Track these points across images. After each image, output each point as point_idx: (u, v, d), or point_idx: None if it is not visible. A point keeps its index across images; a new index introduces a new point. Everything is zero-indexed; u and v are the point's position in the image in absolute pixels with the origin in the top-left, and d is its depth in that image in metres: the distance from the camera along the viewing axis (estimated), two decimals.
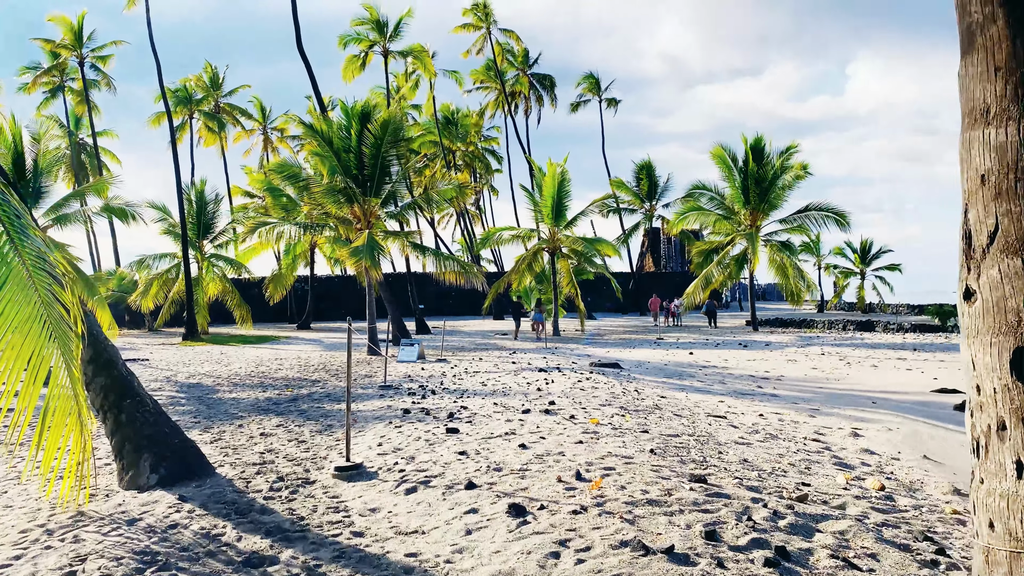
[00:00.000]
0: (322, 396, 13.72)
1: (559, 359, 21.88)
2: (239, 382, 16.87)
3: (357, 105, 23.95)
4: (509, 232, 35.69)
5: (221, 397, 14.12)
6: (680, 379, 18.18)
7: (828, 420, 12.07)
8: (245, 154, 63.83)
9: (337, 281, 54.88)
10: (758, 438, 9.64)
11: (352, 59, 40.94)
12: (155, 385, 16.54)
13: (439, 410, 10.78)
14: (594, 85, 63.44)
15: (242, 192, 52.19)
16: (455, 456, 7.37)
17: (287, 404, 12.80)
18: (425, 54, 42.12)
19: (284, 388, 15.35)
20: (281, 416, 11.41)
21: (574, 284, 34.77)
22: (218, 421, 11.13)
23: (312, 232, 24.22)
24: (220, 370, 19.95)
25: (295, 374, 18.58)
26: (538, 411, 10.10)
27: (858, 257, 51.83)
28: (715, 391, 15.85)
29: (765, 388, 16.88)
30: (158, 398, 14.07)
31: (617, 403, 11.16)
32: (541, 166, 34.26)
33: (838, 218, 34.52)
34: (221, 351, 27.34)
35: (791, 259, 35.37)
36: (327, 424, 10.47)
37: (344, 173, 23.12)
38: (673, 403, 12.18)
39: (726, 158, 35.80)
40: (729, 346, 27.56)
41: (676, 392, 14.88)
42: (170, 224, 36.97)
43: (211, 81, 56.78)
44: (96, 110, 51.61)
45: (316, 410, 11.93)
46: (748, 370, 20.58)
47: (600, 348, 27.13)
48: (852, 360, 22.64)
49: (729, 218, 36.39)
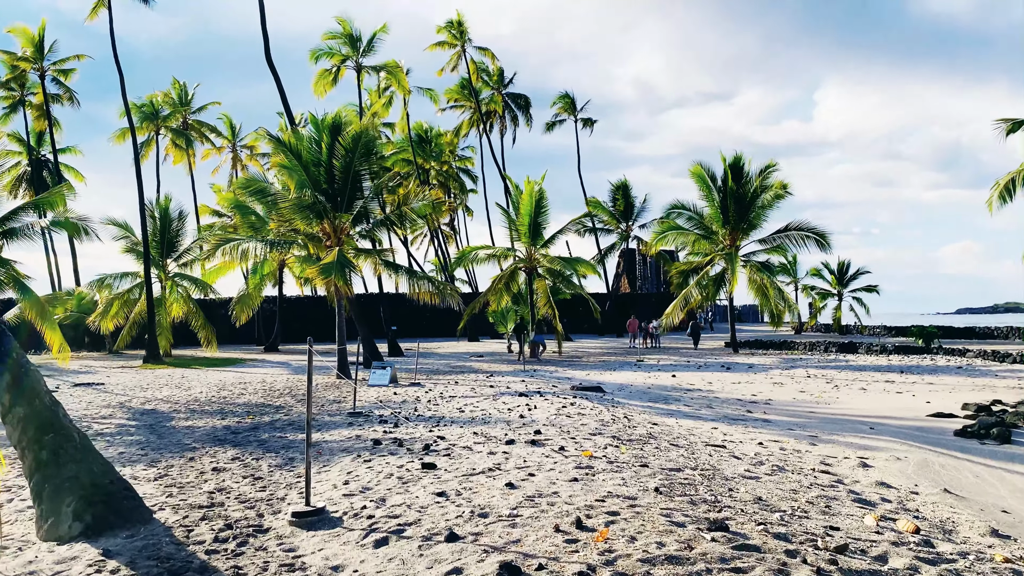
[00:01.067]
0: (285, 424, 12.64)
1: (539, 382, 20.94)
2: (197, 408, 15.71)
3: (328, 117, 23.00)
4: (485, 251, 34.79)
5: (175, 425, 12.97)
6: (666, 403, 17.35)
7: (830, 448, 11.28)
8: (214, 172, 62.33)
9: (307, 302, 53.50)
10: (765, 470, 8.78)
11: (324, 73, 39.96)
12: (105, 412, 15.34)
13: (413, 441, 9.77)
14: (569, 105, 63.03)
15: (211, 211, 50.81)
16: (433, 498, 6.39)
17: (246, 433, 11.71)
18: (399, 70, 41.29)
19: (245, 415, 14.24)
20: (238, 447, 10.33)
21: (552, 304, 33.91)
22: (168, 453, 10.03)
23: (279, 249, 23.10)
24: (179, 395, 18.74)
25: (258, 399, 17.44)
26: (523, 442, 9.14)
27: (835, 278, 51.56)
28: (705, 416, 15.03)
29: (755, 413, 16.13)
30: (105, 427, 12.91)
31: (608, 432, 10.23)
32: (518, 184, 33.49)
33: (819, 238, 34.07)
34: (183, 375, 26.04)
35: (772, 280, 34.83)
36: (288, 457, 9.42)
37: (313, 187, 22.10)
38: (666, 431, 11.28)
39: (705, 177, 35.28)
40: (712, 368, 26.81)
41: (665, 418, 14.01)
42: (132, 242, 35.56)
43: (179, 97, 55.46)
44: (57, 125, 50.03)
45: (277, 440, 10.86)
46: (734, 394, 19.82)
47: (580, 371, 26.23)
48: (839, 383, 21.98)
49: (708, 238, 35.79)
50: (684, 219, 36.57)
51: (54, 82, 45.09)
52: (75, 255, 44.70)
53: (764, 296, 35.85)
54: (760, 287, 35.37)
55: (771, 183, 34.85)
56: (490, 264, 35.79)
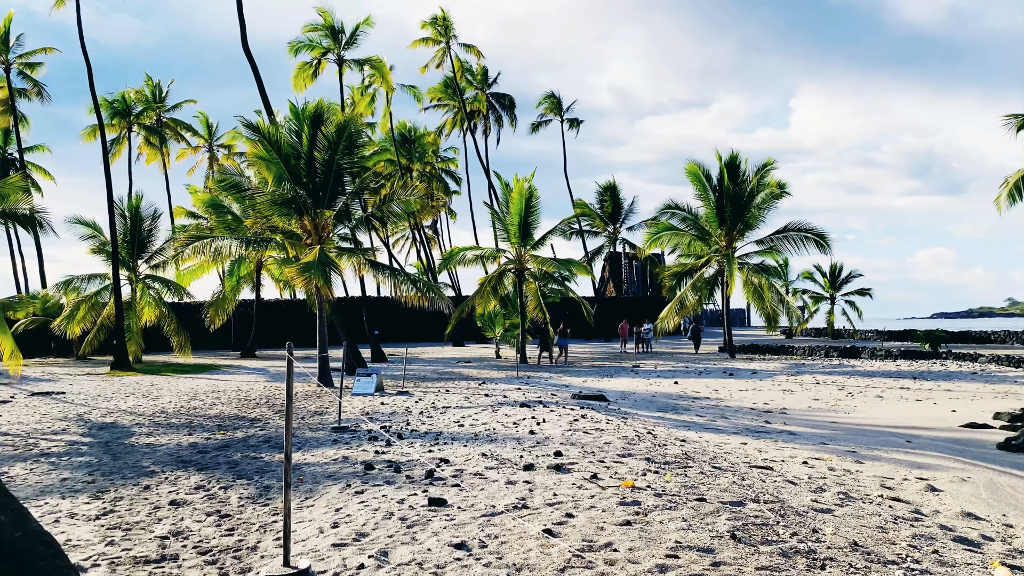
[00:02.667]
0: (260, 442, 11.09)
1: (536, 390, 19.51)
2: (163, 421, 14.10)
3: (309, 106, 21.44)
4: (473, 252, 33.28)
5: (135, 442, 11.39)
6: (677, 414, 16.01)
7: (880, 468, 9.97)
8: (189, 172, 60.24)
9: (286, 305, 51.69)
10: (832, 499, 7.41)
11: (303, 67, 38.29)
12: (59, 426, 13.70)
13: (412, 464, 8.28)
14: (555, 105, 61.77)
15: (186, 213, 48.84)
16: (450, 552, 4.91)
17: (215, 453, 10.16)
18: (383, 64, 39.71)
19: (216, 430, 12.66)
20: (205, 471, 8.80)
21: (542, 308, 32.49)
22: (120, 479, 8.47)
23: (256, 248, 21.50)
24: (145, 405, 17.09)
25: (232, 410, 15.84)
26: (545, 467, 7.69)
27: (828, 281, 50.54)
28: (725, 429, 13.69)
29: (774, 423, 14.86)
30: (54, 445, 11.30)
31: (638, 452, 8.81)
32: (508, 182, 32.05)
33: (818, 239, 32.93)
34: (152, 382, 24.31)
35: (770, 282, 33.66)
36: (263, 485, 7.90)
37: (293, 181, 20.53)
38: (699, 449, 9.88)
39: (700, 175, 34.06)
40: (713, 375, 25.50)
41: (685, 432, 12.64)
42: (101, 242, 33.68)
43: (152, 94, 53.48)
44: (25, 122, 47.97)
45: (251, 462, 9.33)
46: (745, 402, 18.52)
47: (575, 377, 24.82)
48: (852, 390, 20.76)
49: (704, 239, 34.55)
50: (678, 220, 35.31)
51: (20, 76, 43.09)
52: (41, 257, 42.72)
53: (759, 299, 34.68)
54: (756, 290, 34.19)
55: (768, 182, 33.70)
56: (475, 267, 34.35)
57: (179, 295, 35.75)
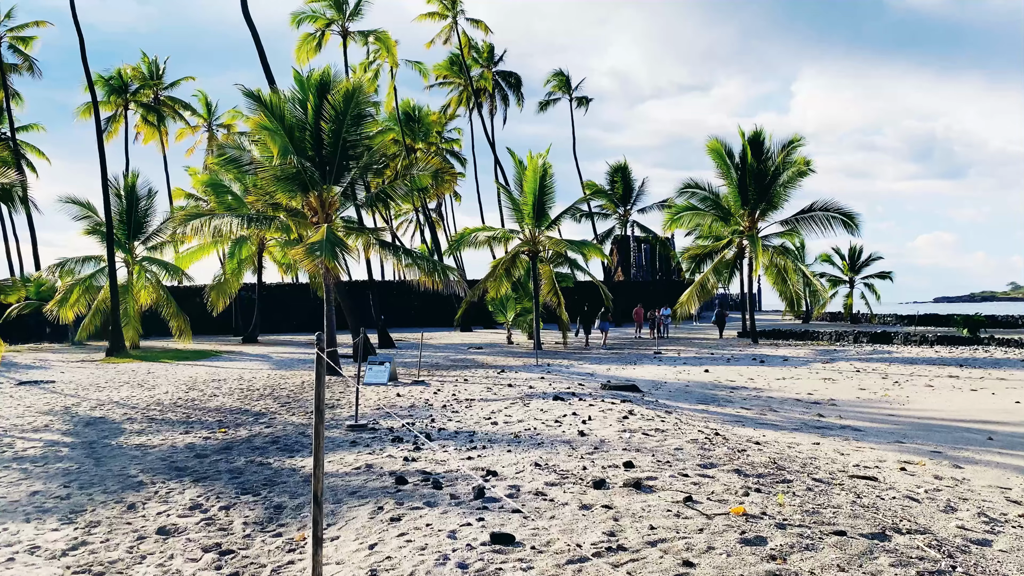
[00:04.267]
0: (267, 443, 9.68)
1: (560, 379, 18.10)
2: (157, 415, 12.70)
3: (315, 74, 19.88)
4: (485, 233, 31.73)
5: (124, 443, 9.98)
6: (719, 406, 14.62)
7: (985, 474, 8.60)
8: (188, 153, 58.75)
9: (288, 289, 50.23)
10: (975, 523, 6.01)
11: (307, 38, 36.63)
12: (41, 421, 12.30)
13: (452, 477, 6.85)
14: (564, 83, 60.02)
15: (184, 195, 47.25)
16: None
17: (216, 457, 8.75)
18: (388, 37, 38.05)
19: (216, 427, 11.25)
20: (202, 483, 7.39)
21: (557, 292, 31.01)
22: (100, 494, 7.07)
23: (258, 226, 20.01)
24: (139, 396, 15.68)
25: (233, 402, 14.43)
26: (620, 483, 6.26)
27: (847, 264, 49.04)
28: (781, 424, 12.30)
29: (829, 417, 13.51)
30: (31, 445, 9.89)
31: (718, 460, 7.39)
32: (521, 159, 30.49)
33: (846, 220, 31.38)
34: (149, 370, 22.91)
35: (795, 264, 32.19)
36: (274, 504, 6.48)
37: (298, 155, 19.01)
38: (781, 454, 8.46)
39: (722, 152, 32.48)
40: (742, 362, 24.09)
41: (739, 428, 11.26)
42: (95, 223, 32.17)
43: (149, 71, 51.75)
44: (18, 99, 46.28)
45: (257, 470, 7.91)
46: (787, 392, 17.13)
47: (596, 364, 23.41)
48: (898, 379, 19.36)
49: (725, 219, 33.03)
50: (698, 199, 33.75)
51: (12, 50, 41.41)
52: (35, 238, 41.16)
53: (782, 282, 33.24)
54: (780, 272, 32.73)
55: (795, 159, 32.13)
56: (481, 251, 32.97)
57: (178, 278, 34.32)
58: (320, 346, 4.39)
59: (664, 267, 70.55)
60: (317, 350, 4.46)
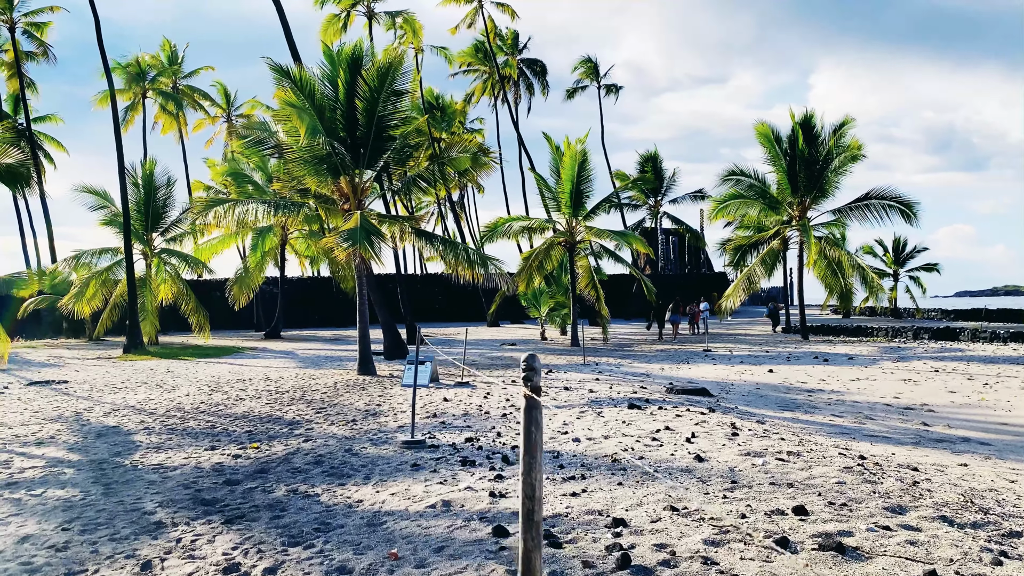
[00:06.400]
0: (309, 463, 8.07)
1: (616, 381, 16.45)
2: (178, 424, 11.15)
3: (346, 48, 18.28)
4: (520, 223, 29.99)
5: (139, 462, 8.42)
6: (805, 413, 12.95)
7: None
8: (207, 144, 57.35)
9: (310, 283, 48.79)
10: None
11: (332, 19, 35.04)
12: (47, 431, 10.79)
13: (567, 527, 5.20)
14: (591, 70, 58.13)
15: (203, 187, 45.87)
16: None
17: (250, 484, 7.17)
18: (414, 19, 36.40)
19: (247, 440, 9.68)
20: (236, 524, 5.79)
21: (595, 285, 29.29)
22: (107, 541, 5.49)
23: (285, 213, 18.41)
24: (157, 400, 14.18)
25: (262, 407, 12.89)
26: (811, 544, 4.60)
27: (891, 257, 46.89)
28: (891, 436, 10.68)
29: (934, 426, 11.86)
30: (32, 464, 8.37)
31: (901, 499, 5.71)
32: (558, 145, 28.76)
33: (904, 208, 29.44)
34: (168, 368, 21.46)
35: (850, 256, 30.30)
36: (335, 563, 4.85)
37: (328, 135, 17.41)
38: (955, 484, 6.75)
39: (771, 137, 30.61)
40: (802, 360, 22.32)
41: (850, 441, 9.55)
42: (112, 213, 30.80)
43: (168, 59, 50.40)
44: (33, 88, 45.01)
45: (304, 506, 6.31)
46: (869, 395, 15.42)
47: (646, 363, 21.72)
48: (985, 379, 17.59)
49: (775, 207, 31.16)
50: (744, 187, 31.90)
51: (26, 36, 40.11)
52: (50, 229, 39.88)
53: (833, 275, 31.32)
54: (831, 264, 30.83)
55: (848, 143, 30.20)
56: (502, 243, 31.26)
57: (198, 271, 32.89)
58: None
59: (693, 260, 68.52)
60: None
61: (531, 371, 3.74)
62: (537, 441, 3.69)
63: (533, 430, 3.71)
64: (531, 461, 3.68)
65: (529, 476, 3.69)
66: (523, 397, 3.68)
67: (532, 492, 3.70)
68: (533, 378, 3.72)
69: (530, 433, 3.70)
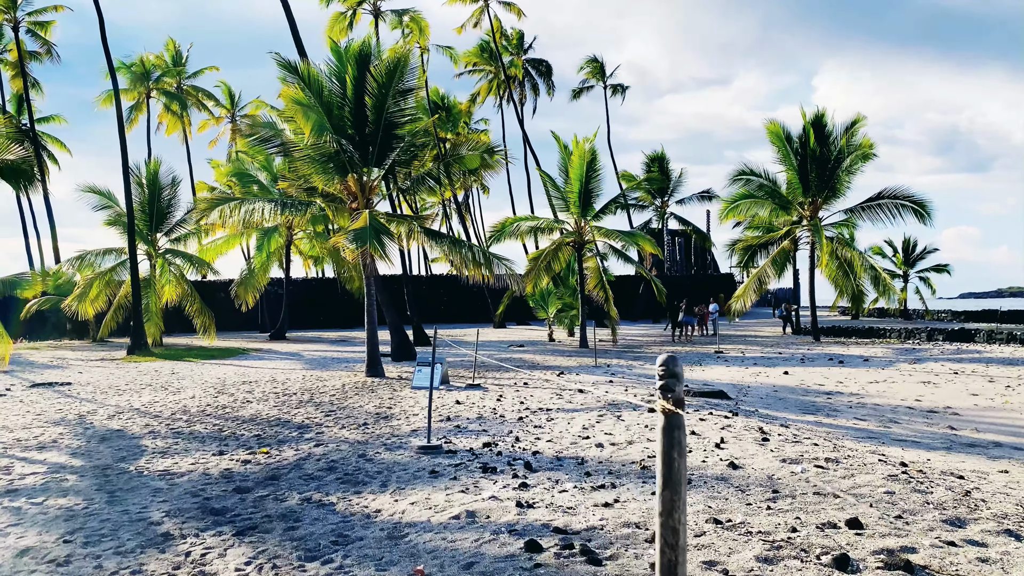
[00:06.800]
0: (322, 470, 7.74)
1: (630, 383, 16.11)
2: (184, 428, 10.82)
3: (354, 44, 17.96)
4: (528, 223, 29.64)
5: (145, 468, 8.09)
6: (827, 416, 12.58)
7: None
8: (211, 145, 57.01)
9: (315, 284, 48.48)
10: None
11: (338, 17, 34.74)
12: (49, 434, 10.47)
13: (605, 542, 4.85)
14: (598, 70, 57.73)
15: (208, 188, 45.65)
16: None
17: (261, 491, 6.83)
18: (421, 17, 36.10)
19: (256, 445, 9.35)
20: (248, 537, 5.45)
21: (604, 286, 28.92)
22: (111, 555, 5.16)
23: (292, 212, 18.08)
24: (162, 402, 13.86)
25: (270, 410, 12.56)
26: (873, 562, 4.24)
27: (900, 257, 46.45)
28: (920, 441, 10.31)
29: (962, 430, 11.46)
30: (33, 470, 8.05)
31: (956, 509, 5.36)
32: (566, 144, 28.42)
33: (918, 208, 29.07)
34: (173, 369, 21.16)
35: (862, 256, 29.92)
36: None
37: (336, 132, 17.09)
38: (1005, 492, 6.39)
39: (782, 136, 30.23)
40: (817, 362, 21.94)
41: (883, 447, 9.17)
42: (116, 213, 30.53)
43: (173, 59, 50.15)
44: (38, 88, 44.80)
45: (319, 516, 5.97)
46: (889, 398, 15.02)
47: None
48: (1008, 382, 17.17)
49: (786, 207, 30.79)
50: (754, 187, 31.53)
51: (30, 35, 39.86)
52: (54, 231, 39.67)
53: (844, 275, 30.93)
54: (843, 264, 30.44)
55: (860, 142, 29.82)
56: (510, 243, 30.92)
57: (203, 271, 32.61)
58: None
59: (699, 261, 68.12)
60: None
61: (672, 377, 2.90)
62: (680, 471, 2.83)
63: (675, 457, 2.85)
64: (673, 498, 2.83)
65: (671, 517, 2.86)
66: (660, 412, 2.85)
67: (675, 538, 2.86)
68: (675, 387, 2.88)
69: (671, 461, 2.85)
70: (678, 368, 2.92)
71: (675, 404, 2.87)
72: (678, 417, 2.85)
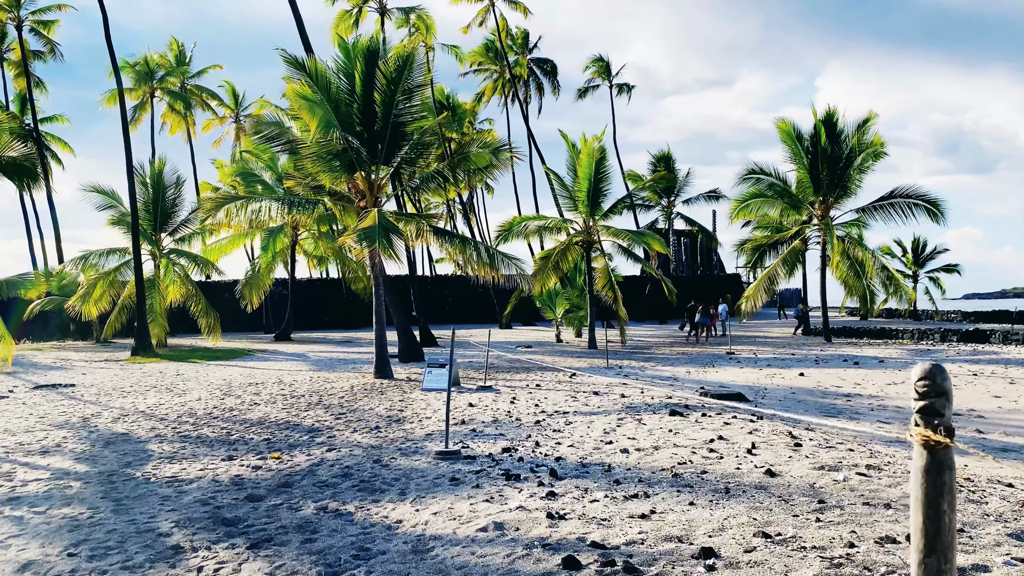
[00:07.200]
0: (337, 476, 7.41)
1: (644, 384, 15.75)
2: (191, 431, 10.51)
3: (362, 40, 17.65)
4: (536, 222, 29.34)
5: (151, 474, 7.77)
6: (854, 421, 12.23)
7: None
8: (215, 145, 56.78)
9: (320, 284, 48.21)
10: None
11: (343, 15, 34.46)
12: (53, 437, 10.17)
13: (648, 558, 4.52)
14: (603, 69, 57.36)
15: (212, 188, 45.40)
16: None
17: (274, 500, 6.51)
18: (427, 15, 35.81)
19: (266, 449, 9.03)
20: (263, 551, 5.13)
21: (613, 286, 28.57)
22: (118, 570, 4.83)
23: (299, 210, 17.77)
24: (168, 404, 13.55)
25: (279, 412, 12.25)
26: None
27: (910, 258, 46.03)
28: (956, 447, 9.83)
29: (990, 433, 11.26)
30: (36, 476, 7.75)
31: (1018, 522, 5.01)
32: (574, 142, 28.10)
33: (930, 207, 28.70)
34: (178, 371, 20.87)
35: (874, 256, 29.56)
36: None
37: (344, 129, 16.78)
38: None
39: (793, 135, 29.90)
40: (831, 363, 21.59)
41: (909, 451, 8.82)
42: (120, 213, 30.28)
43: (176, 59, 49.89)
44: (42, 87, 44.59)
45: (337, 527, 5.64)
46: (910, 400, 14.56)
47: (671, 366, 21.01)
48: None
49: (797, 207, 30.44)
50: (764, 186, 31.18)
51: (33, 34, 39.62)
52: (58, 231, 39.43)
53: (855, 276, 30.59)
54: (855, 265, 30.10)
55: (871, 140, 29.47)
56: (516, 243, 30.59)
57: (207, 271, 32.34)
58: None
59: (706, 261, 67.69)
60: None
61: (939, 396, 2.09)
62: (951, 530, 2.07)
63: (945, 510, 2.08)
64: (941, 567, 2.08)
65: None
66: (919, 445, 2.11)
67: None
68: (943, 410, 2.09)
69: (939, 515, 2.06)
70: (947, 384, 2.16)
71: (946, 434, 2.11)
72: (948, 454, 2.04)
